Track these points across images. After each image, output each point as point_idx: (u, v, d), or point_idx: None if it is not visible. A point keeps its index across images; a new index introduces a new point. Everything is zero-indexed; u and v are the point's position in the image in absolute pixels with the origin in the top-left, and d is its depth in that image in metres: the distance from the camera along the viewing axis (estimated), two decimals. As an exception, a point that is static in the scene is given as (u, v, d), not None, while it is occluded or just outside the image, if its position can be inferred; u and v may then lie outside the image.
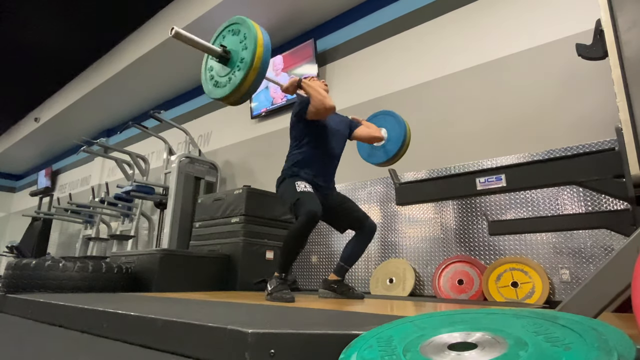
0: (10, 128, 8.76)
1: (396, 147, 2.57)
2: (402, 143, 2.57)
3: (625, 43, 1.24)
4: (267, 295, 2.09)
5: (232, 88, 1.73)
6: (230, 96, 1.77)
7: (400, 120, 2.61)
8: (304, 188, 2.14)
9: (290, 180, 2.23)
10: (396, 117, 2.63)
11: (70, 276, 2.45)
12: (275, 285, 2.09)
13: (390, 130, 2.62)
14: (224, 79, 1.79)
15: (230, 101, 1.84)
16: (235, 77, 1.72)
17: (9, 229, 9.97)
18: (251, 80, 1.71)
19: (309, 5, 4.16)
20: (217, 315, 1.33)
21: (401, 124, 2.60)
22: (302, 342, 0.87)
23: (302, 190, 2.13)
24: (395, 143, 2.58)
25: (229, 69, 1.77)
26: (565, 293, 2.39)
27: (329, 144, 2.33)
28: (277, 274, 2.14)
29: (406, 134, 2.58)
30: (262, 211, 3.54)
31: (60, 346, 1.23)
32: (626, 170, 1.29)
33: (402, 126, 2.59)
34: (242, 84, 1.71)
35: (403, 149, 2.59)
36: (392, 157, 2.60)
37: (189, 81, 5.80)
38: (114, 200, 5.46)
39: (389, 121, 2.65)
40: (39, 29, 5.45)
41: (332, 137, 2.35)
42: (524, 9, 2.96)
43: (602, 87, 2.45)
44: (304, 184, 2.17)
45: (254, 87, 1.76)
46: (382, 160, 2.65)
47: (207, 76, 1.91)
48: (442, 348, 0.68)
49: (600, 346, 0.56)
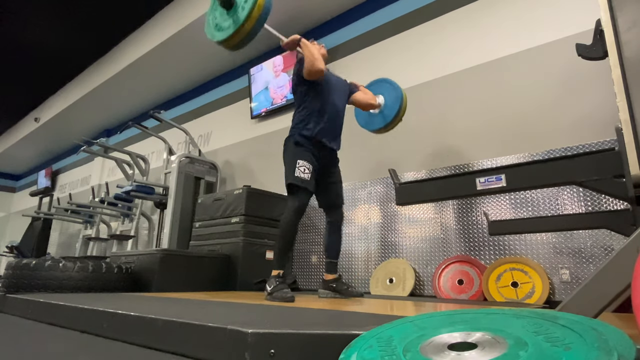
0: (10, 128, 8.76)
1: (393, 112, 2.67)
2: (399, 107, 2.67)
3: (625, 43, 1.24)
4: (267, 295, 2.10)
5: (235, 28, 1.84)
6: (231, 38, 1.88)
7: (396, 87, 2.72)
8: (302, 173, 2.19)
9: (293, 151, 2.28)
10: (392, 84, 2.75)
11: (70, 276, 2.45)
12: (275, 285, 2.10)
13: (387, 97, 2.74)
14: (227, 22, 1.90)
15: (231, 44, 1.95)
16: (238, 17, 1.83)
17: (9, 229, 9.98)
18: (254, 19, 1.82)
19: (309, 5, 4.16)
20: (217, 315, 1.33)
21: (397, 89, 2.71)
22: (302, 342, 0.87)
23: (298, 176, 2.19)
24: (392, 108, 2.68)
25: (233, 13, 1.89)
26: (565, 293, 2.38)
27: (331, 99, 2.39)
28: (274, 273, 2.16)
29: (402, 99, 2.68)
30: (262, 211, 3.54)
31: (60, 346, 1.23)
32: (626, 170, 1.29)
33: (399, 92, 2.70)
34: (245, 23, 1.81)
35: (400, 114, 2.69)
36: (390, 122, 2.71)
37: (189, 81, 5.80)
38: (114, 200, 5.46)
39: (385, 88, 2.77)
40: (39, 29, 5.45)
41: (333, 94, 2.41)
42: (524, 9, 2.96)
43: (602, 87, 2.45)
44: (304, 165, 2.21)
45: (256, 28, 1.87)
46: (380, 126, 2.75)
47: (211, 22, 2.03)
48: (442, 348, 0.68)
49: (600, 346, 0.56)
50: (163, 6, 4.96)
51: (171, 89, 6.05)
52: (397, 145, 3.40)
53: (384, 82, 2.79)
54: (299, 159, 2.24)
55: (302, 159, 2.24)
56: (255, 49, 4.89)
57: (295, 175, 2.20)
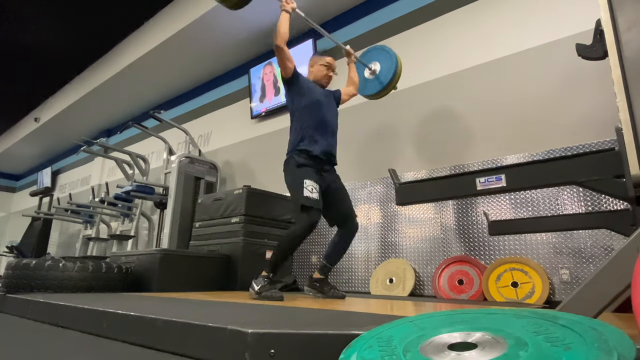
0: (10, 128, 8.76)
1: (387, 79, 2.78)
2: (393, 74, 2.77)
3: (625, 43, 1.24)
4: (255, 295, 2.09)
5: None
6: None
7: (392, 54, 2.82)
8: (311, 193, 2.16)
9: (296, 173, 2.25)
10: (388, 51, 2.86)
11: (70, 276, 2.45)
12: (262, 285, 2.10)
13: (382, 64, 2.85)
14: None
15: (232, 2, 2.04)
16: None
17: (9, 229, 9.97)
18: None
19: (309, 5, 4.15)
20: (217, 315, 1.33)
21: (392, 57, 2.81)
22: (302, 342, 0.87)
23: (308, 197, 2.15)
24: (387, 75, 2.79)
25: None
26: (565, 293, 2.38)
27: (322, 113, 2.39)
28: (264, 273, 2.15)
29: (397, 66, 2.77)
30: (262, 211, 3.54)
31: (60, 346, 1.23)
32: (626, 170, 1.29)
33: (393, 59, 2.79)
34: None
35: (394, 81, 2.80)
36: (384, 89, 2.83)
37: (189, 81, 5.80)
38: (114, 200, 5.46)
39: (381, 55, 2.88)
40: (39, 29, 5.45)
41: (324, 108, 2.42)
42: (524, 9, 2.96)
43: (602, 87, 2.45)
44: (311, 185, 2.18)
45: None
46: (374, 91, 2.86)
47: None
48: (442, 348, 0.68)
49: (600, 346, 0.56)
50: (163, 6, 4.96)
51: (171, 89, 6.05)
52: (397, 145, 3.40)
53: (380, 49, 2.91)
54: (305, 179, 2.19)
55: (308, 178, 2.20)
56: (255, 49, 4.90)
57: (305, 196, 2.14)
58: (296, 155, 2.29)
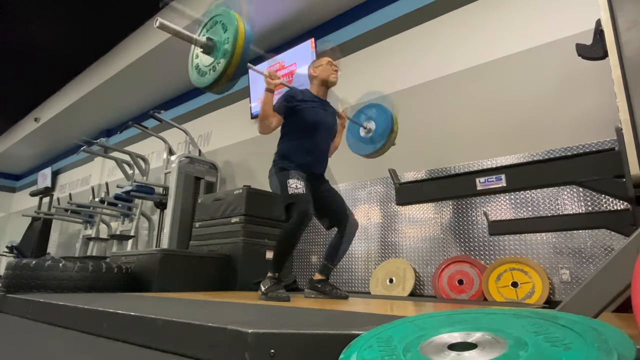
0: (10, 128, 8.76)
1: (383, 139, 2.63)
2: (388, 137, 2.63)
3: (625, 43, 1.24)
4: (262, 295, 2.10)
5: (215, 77, 1.80)
6: (213, 85, 1.84)
7: (388, 113, 2.66)
8: (296, 189, 2.15)
9: (280, 177, 2.24)
10: (384, 110, 2.69)
11: (70, 276, 2.45)
12: (269, 285, 2.11)
13: (377, 122, 2.68)
14: (208, 68, 1.85)
15: (214, 90, 1.90)
16: (219, 67, 1.78)
17: (9, 229, 9.97)
18: (233, 69, 1.78)
19: (309, 5, 4.16)
20: (217, 315, 1.33)
21: (388, 115, 2.65)
22: (302, 342, 0.87)
23: (293, 193, 2.14)
24: (383, 135, 2.64)
25: (213, 59, 1.84)
26: (565, 293, 2.38)
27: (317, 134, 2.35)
28: (270, 274, 2.16)
29: (393, 127, 2.63)
30: (262, 211, 3.54)
31: (60, 346, 1.23)
32: (626, 170, 1.29)
33: (390, 119, 2.64)
34: (224, 73, 1.77)
35: (391, 140, 2.65)
36: (379, 150, 2.67)
37: (189, 81, 5.74)
38: (114, 200, 5.46)
39: (377, 113, 2.71)
40: (39, 29, 5.45)
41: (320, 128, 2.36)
42: (523, 9, 2.96)
43: (602, 87, 2.45)
44: (295, 182, 2.17)
45: (236, 76, 1.83)
46: (368, 152, 2.71)
47: (192, 65, 1.98)
48: (442, 348, 0.68)
49: (600, 346, 0.56)
50: (163, 6, 4.95)
51: (171, 89, 6.04)
52: (397, 145, 3.39)
53: (376, 107, 2.74)
54: (288, 179, 2.18)
55: (291, 178, 2.18)
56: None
57: (289, 194, 2.14)
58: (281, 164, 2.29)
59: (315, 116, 2.35)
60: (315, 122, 2.34)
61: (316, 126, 2.34)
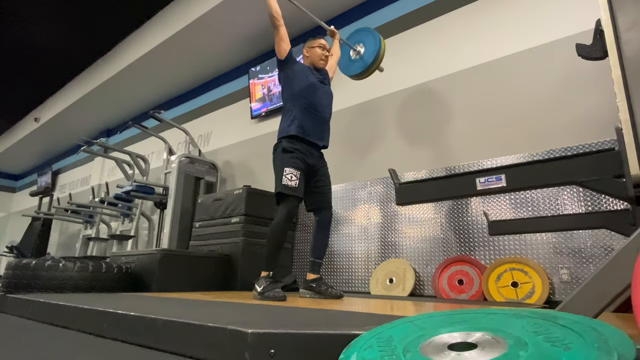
0: (10, 128, 8.76)
1: (370, 59, 2.90)
2: (377, 53, 2.88)
3: (625, 43, 1.24)
4: (258, 295, 2.10)
5: None
6: None
7: (376, 35, 2.93)
8: (290, 181, 2.21)
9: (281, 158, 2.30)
10: (373, 33, 2.95)
11: (70, 276, 2.45)
12: (265, 285, 2.11)
13: (367, 45, 2.97)
14: None
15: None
16: None
17: (9, 229, 9.97)
18: None
19: (309, 5, 4.15)
20: (217, 315, 1.33)
21: (376, 37, 2.91)
22: (302, 342, 0.87)
23: (286, 185, 2.21)
24: (370, 55, 2.90)
25: None
26: (565, 293, 2.38)
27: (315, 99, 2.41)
28: (264, 273, 2.17)
29: (380, 45, 2.88)
30: (262, 211, 3.54)
31: (60, 346, 1.23)
32: (626, 170, 1.29)
33: (377, 39, 2.90)
34: None
35: (377, 62, 2.91)
36: (367, 69, 2.94)
37: (189, 81, 5.80)
38: (114, 200, 5.46)
39: (366, 36, 2.99)
40: (39, 29, 5.44)
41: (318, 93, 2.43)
42: (523, 9, 2.96)
43: (602, 87, 2.45)
44: (291, 173, 2.23)
45: None
46: (359, 70, 2.98)
47: None
48: (442, 348, 0.68)
49: (600, 346, 0.56)
50: (163, 6, 4.95)
51: (171, 89, 6.05)
52: (397, 145, 3.40)
53: (366, 31, 3.02)
54: (286, 166, 2.25)
55: (289, 166, 2.25)
56: (255, 49, 4.90)
57: (282, 184, 2.22)
58: (285, 141, 2.33)
59: (313, 80, 2.44)
60: (310, 84, 2.41)
61: (314, 88, 2.41)
